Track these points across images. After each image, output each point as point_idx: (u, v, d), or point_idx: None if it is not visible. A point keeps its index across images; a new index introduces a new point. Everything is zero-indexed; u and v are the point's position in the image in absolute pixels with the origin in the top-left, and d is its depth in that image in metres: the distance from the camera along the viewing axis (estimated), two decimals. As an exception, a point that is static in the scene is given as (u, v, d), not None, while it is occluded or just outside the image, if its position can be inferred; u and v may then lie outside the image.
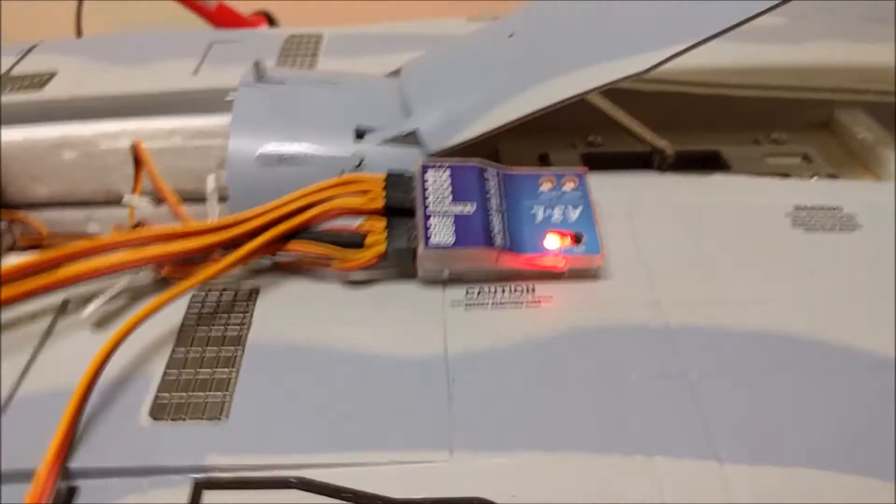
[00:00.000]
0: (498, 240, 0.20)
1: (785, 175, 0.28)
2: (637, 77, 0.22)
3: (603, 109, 0.27)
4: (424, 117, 0.24)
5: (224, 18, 0.70)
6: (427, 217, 0.20)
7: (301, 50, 0.37)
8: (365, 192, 0.21)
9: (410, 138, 0.24)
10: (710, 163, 0.29)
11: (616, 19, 0.24)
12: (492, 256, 0.20)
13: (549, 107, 0.22)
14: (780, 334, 0.19)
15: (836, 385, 0.18)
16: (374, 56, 0.36)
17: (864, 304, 0.21)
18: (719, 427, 0.17)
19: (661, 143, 0.27)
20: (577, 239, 0.21)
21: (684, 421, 0.17)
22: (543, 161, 0.29)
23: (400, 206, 0.21)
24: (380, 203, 0.21)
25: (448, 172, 0.21)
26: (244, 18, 0.73)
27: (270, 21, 0.75)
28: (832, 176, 0.28)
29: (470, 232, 0.20)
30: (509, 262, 0.20)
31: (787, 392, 0.18)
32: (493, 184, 0.21)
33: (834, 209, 0.24)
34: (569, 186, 0.22)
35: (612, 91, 0.29)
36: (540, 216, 0.21)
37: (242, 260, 0.21)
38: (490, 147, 0.30)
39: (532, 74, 0.23)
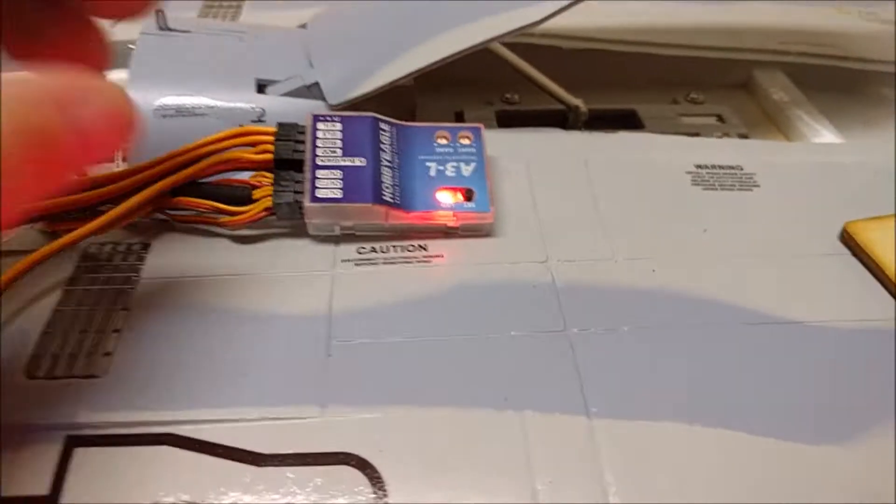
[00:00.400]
0: (387, 195, 0.20)
1: (695, 135, 0.28)
2: (534, 26, 0.21)
3: (516, 66, 0.26)
4: (326, 69, 0.24)
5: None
6: (315, 170, 0.20)
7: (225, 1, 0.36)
8: (255, 144, 0.21)
9: (313, 91, 0.24)
10: (625, 121, 0.29)
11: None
12: (381, 212, 0.20)
13: (448, 58, 0.22)
14: (665, 291, 0.20)
15: (712, 341, 0.18)
16: (301, 8, 0.35)
17: (751, 263, 0.21)
18: (593, 383, 0.17)
19: (576, 101, 0.27)
20: (468, 195, 0.20)
21: (559, 377, 0.17)
22: (458, 118, 0.29)
23: (288, 158, 0.20)
24: (269, 155, 0.20)
25: (340, 125, 0.21)
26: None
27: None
28: (743, 136, 0.28)
29: (359, 186, 0.20)
30: (399, 217, 0.20)
31: (664, 348, 0.18)
32: (387, 137, 0.21)
33: (734, 168, 0.24)
34: (464, 141, 0.22)
35: (528, 47, 0.29)
36: (433, 171, 0.21)
37: (129, 214, 0.20)
38: (409, 103, 0.30)
39: (432, 25, 0.23)
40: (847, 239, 0.22)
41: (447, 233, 0.21)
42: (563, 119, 0.28)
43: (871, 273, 0.21)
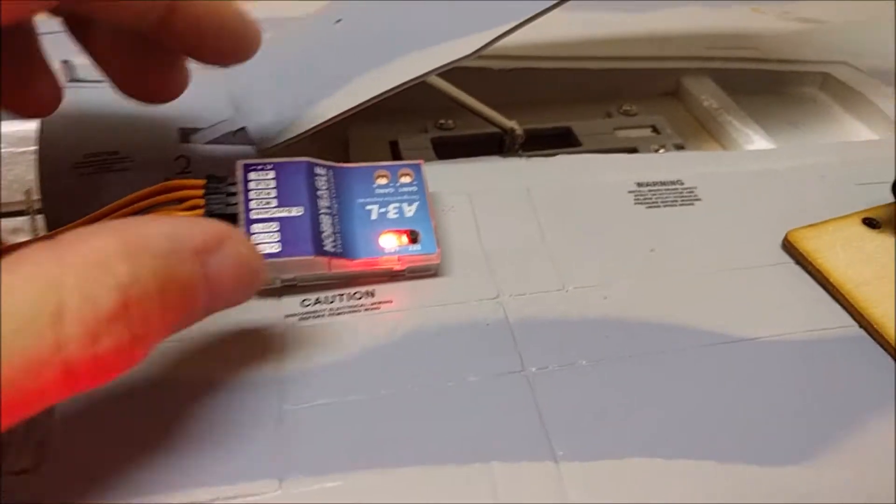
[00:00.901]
0: (328, 244, 0.19)
1: (633, 149, 0.28)
2: (467, 59, 0.21)
3: (448, 93, 0.26)
4: (253, 113, 0.23)
5: None
6: (249, 224, 0.19)
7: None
8: (183, 200, 0.20)
9: (240, 136, 0.23)
10: (562, 139, 0.29)
11: (439, 2, 0.23)
12: (323, 263, 0.19)
13: (378, 97, 0.21)
14: (618, 318, 0.19)
15: (669, 368, 0.18)
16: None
17: (699, 281, 0.21)
18: (556, 424, 0.17)
19: (510, 123, 0.27)
20: (413, 238, 0.20)
21: (522, 420, 0.17)
22: (394, 147, 0.28)
23: (221, 213, 0.19)
24: (199, 211, 0.19)
25: (273, 173, 0.20)
26: None
27: None
28: (679, 147, 0.28)
29: (298, 238, 0.19)
30: (342, 266, 0.19)
31: (624, 380, 0.18)
32: (323, 182, 0.20)
33: (674, 183, 0.24)
34: (405, 180, 0.21)
35: (458, 71, 0.28)
36: (374, 214, 0.20)
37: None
38: (340, 135, 0.29)
39: (359, 63, 0.22)
40: (789, 248, 0.22)
41: (393, 276, 0.20)
42: (499, 142, 0.28)
43: (815, 281, 0.21)
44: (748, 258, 0.22)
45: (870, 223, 0.22)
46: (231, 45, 0.19)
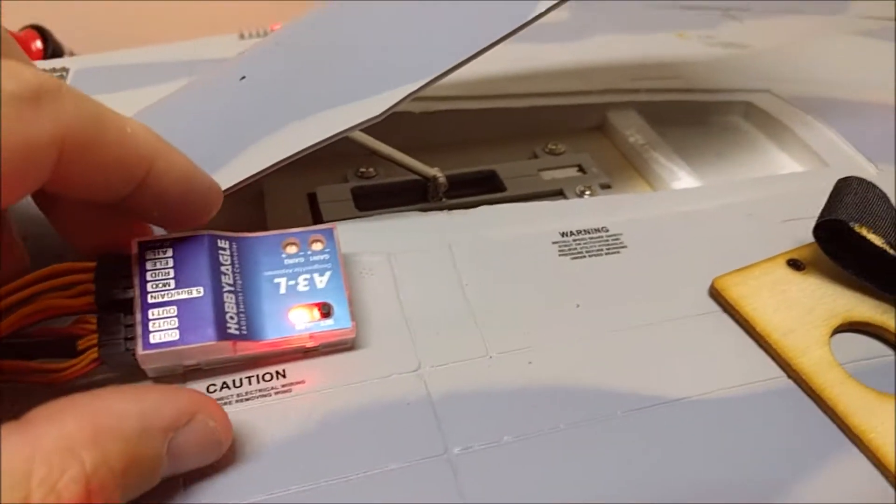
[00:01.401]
0: (232, 327, 0.18)
1: (559, 191, 0.27)
2: (374, 121, 0.20)
3: (364, 144, 0.25)
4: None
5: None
6: (146, 310, 0.18)
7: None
8: (73, 284, 0.18)
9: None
10: (486, 183, 0.28)
11: (348, 59, 0.22)
12: (227, 347, 0.18)
13: (286, 160, 0.20)
14: (543, 386, 0.19)
15: (598, 438, 0.17)
16: (128, 89, 0.33)
17: (626, 336, 0.20)
18: (480, 511, 0.16)
19: (432, 171, 0.26)
20: (325, 311, 0.19)
21: (444, 510, 0.16)
22: (312, 200, 0.27)
23: (114, 300, 0.18)
24: (90, 297, 0.18)
25: (171, 251, 0.18)
26: (12, 35, 0.65)
27: (44, 36, 0.67)
28: (606, 186, 0.28)
29: (198, 323, 0.17)
30: (249, 348, 0.18)
31: (550, 455, 0.17)
32: (226, 256, 0.19)
33: (599, 231, 0.23)
34: (316, 247, 0.20)
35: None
36: (283, 287, 0.19)
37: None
38: (254, 187, 0.28)
39: (263, 124, 0.21)
40: (716, 295, 0.21)
41: (306, 352, 0.19)
42: (423, 190, 0.27)
43: (743, 330, 0.21)
44: (676, 309, 0.21)
45: (795, 265, 0.22)
46: (194, 210, 0.18)
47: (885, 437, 0.18)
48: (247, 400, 0.18)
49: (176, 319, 0.17)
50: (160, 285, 0.18)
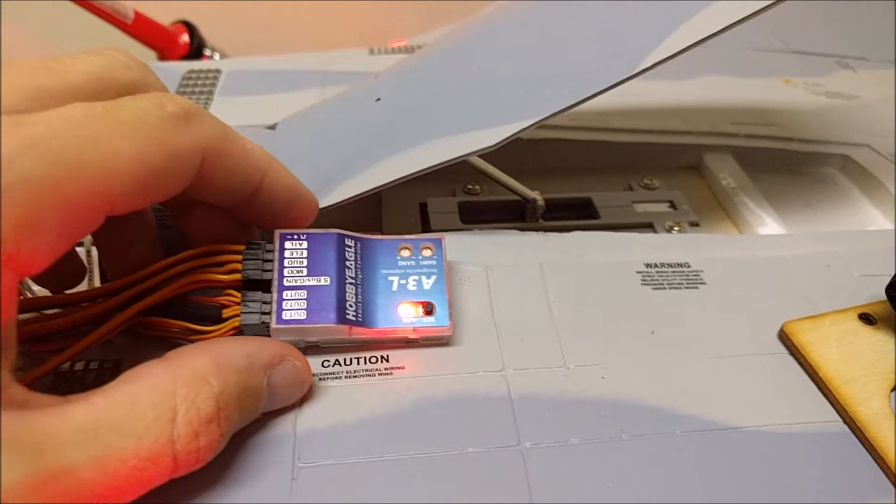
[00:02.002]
0: (350, 313, 0.21)
1: (648, 224, 0.29)
2: (488, 150, 0.23)
3: (475, 165, 0.27)
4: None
5: (142, 30, 0.69)
6: (281, 291, 0.21)
7: (198, 87, 0.37)
8: (224, 263, 0.22)
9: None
10: (581, 209, 0.30)
11: (471, 92, 0.24)
12: (344, 330, 0.21)
13: (407, 177, 0.23)
14: (612, 399, 0.21)
15: (652, 452, 0.20)
16: (270, 93, 0.37)
17: (693, 365, 0.22)
18: (543, 498, 0.18)
19: (533, 194, 0.29)
20: (428, 310, 0.22)
21: (513, 493, 0.18)
22: (423, 209, 0.30)
23: (256, 278, 0.21)
24: (237, 276, 0.21)
25: (306, 243, 0.22)
26: (164, 29, 0.72)
27: (191, 31, 0.74)
28: (694, 224, 0.30)
29: (322, 307, 0.21)
30: (362, 333, 0.21)
31: (609, 460, 0.19)
32: (351, 253, 0.22)
33: (682, 266, 0.25)
34: (426, 253, 0.23)
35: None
36: (395, 285, 0.22)
37: (106, 335, 0.21)
38: (375, 194, 0.31)
39: (392, 143, 0.24)
40: (785, 339, 0.23)
41: (408, 343, 0.22)
42: (521, 209, 0.29)
43: (807, 373, 0.22)
44: (744, 346, 0.23)
45: (866, 319, 0.23)
46: (296, 216, 0.22)
47: (928, 489, 0.19)
48: (354, 377, 0.21)
49: (305, 302, 0.21)
50: (294, 271, 0.21)
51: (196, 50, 0.72)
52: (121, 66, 0.19)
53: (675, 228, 0.29)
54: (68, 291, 0.23)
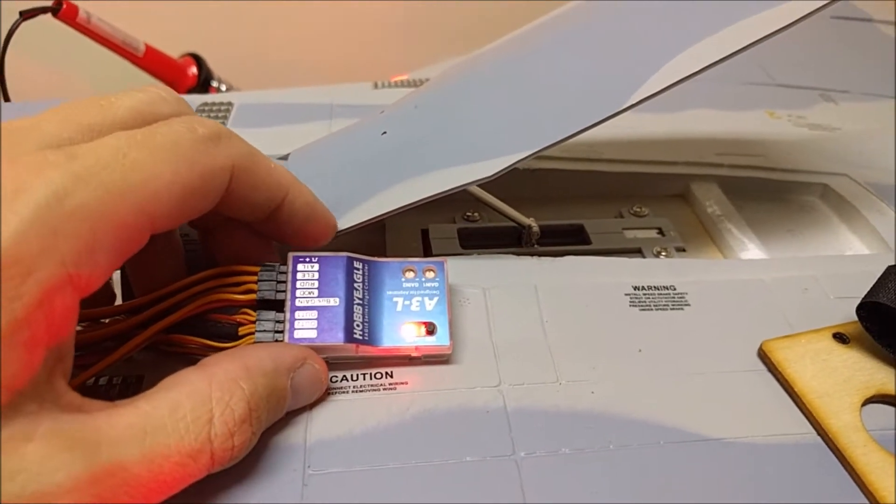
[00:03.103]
0: (357, 332, 0.23)
1: (637, 250, 0.31)
2: (485, 181, 0.25)
3: (473, 193, 0.29)
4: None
5: (153, 62, 0.71)
6: (294, 311, 0.23)
7: (211, 118, 0.39)
8: (240, 283, 0.23)
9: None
10: (574, 235, 0.32)
11: (470, 125, 0.26)
12: (351, 348, 0.23)
13: (409, 205, 0.25)
14: (601, 413, 0.22)
15: (637, 462, 0.21)
16: (281, 125, 0.39)
17: (678, 381, 0.24)
18: (536, 501, 0.20)
19: (528, 220, 0.30)
20: (430, 330, 0.23)
21: (508, 497, 0.20)
22: (424, 235, 0.32)
23: (271, 299, 0.23)
24: (253, 295, 0.23)
25: (317, 265, 0.24)
26: (174, 61, 0.74)
27: (199, 64, 0.76)
28: (681, 249, 0.31)
29: (332, 326, 0.22)
30: (368, 351, 0.23)
31: (597, 468, 0.21)
32: (359, 275, 0.24)
33: (668, 288, 0.27)
34: (429, 275, 0.24)
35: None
36: (400, 306, 0.24)
37: (131, 352, 0.23)
38: (379, 221, 0.33)
39: (396, 174, 0.26)
40: (764, 356, 0.25)
41: (411, 360, 0.24)
42: (518, 235, 0.31)
43: (784, 389, 0.24)
44: (726, 363, 0.24)
45: (840, 338, 0.25)
46: (315, 233, 0.24)
47: None
48: (360, 391, 0.23)
49: (315, 321, 0.22)
50: (306, 293, 0.23)
51: (204, 81, 0.74)
52: (160, 100, 0.21)
53: (663, 254, 0.31)
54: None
